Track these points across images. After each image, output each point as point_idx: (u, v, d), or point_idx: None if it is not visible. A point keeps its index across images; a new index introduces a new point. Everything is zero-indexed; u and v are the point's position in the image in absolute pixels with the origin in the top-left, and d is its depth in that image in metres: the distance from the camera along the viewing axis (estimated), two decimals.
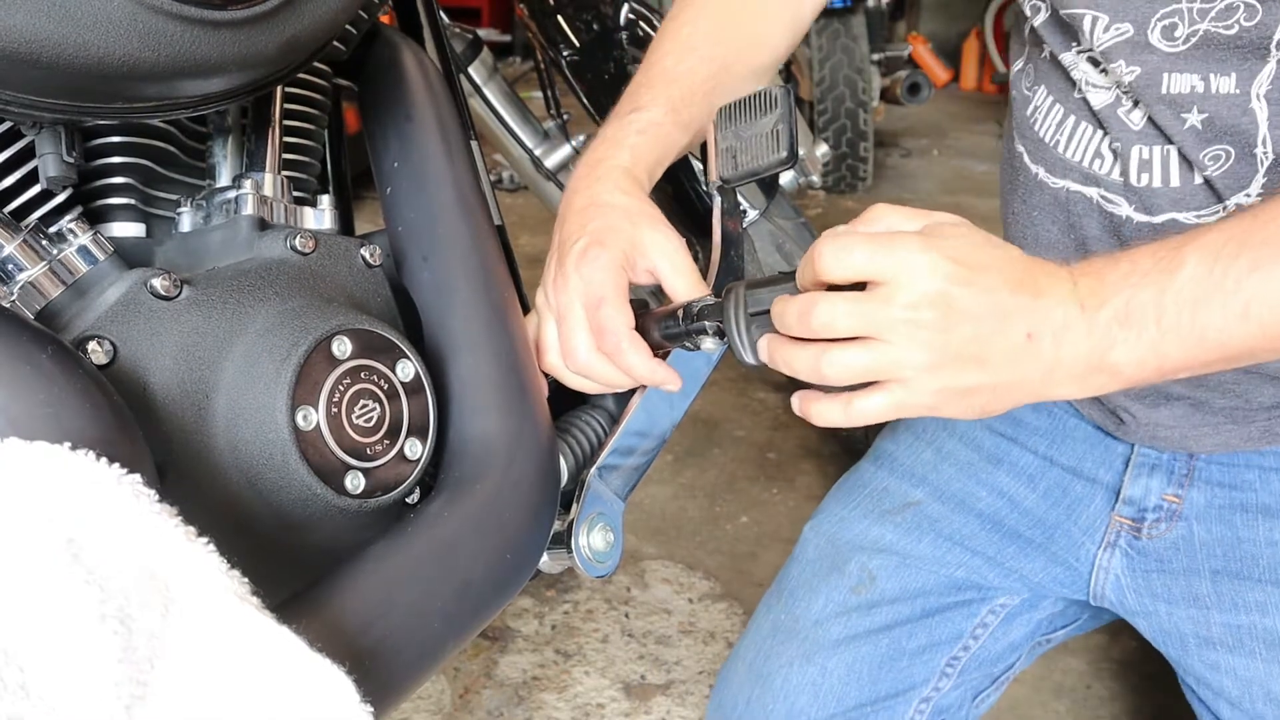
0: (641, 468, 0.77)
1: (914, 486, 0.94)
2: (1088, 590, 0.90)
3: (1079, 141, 0.79)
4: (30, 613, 0.37)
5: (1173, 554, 0.84)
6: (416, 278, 0.71)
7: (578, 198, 0.73)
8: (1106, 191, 0.77)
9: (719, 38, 0.80)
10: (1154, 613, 0.85)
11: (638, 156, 0.75)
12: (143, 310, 0.55)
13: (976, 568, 0.91)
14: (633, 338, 0.67)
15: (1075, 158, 0.79)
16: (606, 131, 0.77)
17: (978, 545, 0.91)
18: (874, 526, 0.93)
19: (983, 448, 0.94)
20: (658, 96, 0.77)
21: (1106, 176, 0.77)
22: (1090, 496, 0.89)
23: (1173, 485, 0.84)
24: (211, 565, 0.42)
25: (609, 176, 0.73)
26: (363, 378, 0.60)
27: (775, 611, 0.93)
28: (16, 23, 0.46)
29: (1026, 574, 0.91)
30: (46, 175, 0.58)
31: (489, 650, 1.43)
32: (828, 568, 0.92)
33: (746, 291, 0.62)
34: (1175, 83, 0.71)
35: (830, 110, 3.24)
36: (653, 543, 1.67)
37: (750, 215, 1.29)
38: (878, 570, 0.91)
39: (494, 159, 2.31)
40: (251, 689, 0.40)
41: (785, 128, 0.67)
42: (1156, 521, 0.85)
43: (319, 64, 0.77)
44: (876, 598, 0.90)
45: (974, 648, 0.92)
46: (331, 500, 0.57)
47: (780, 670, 0.89)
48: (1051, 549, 0.90)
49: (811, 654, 0.88)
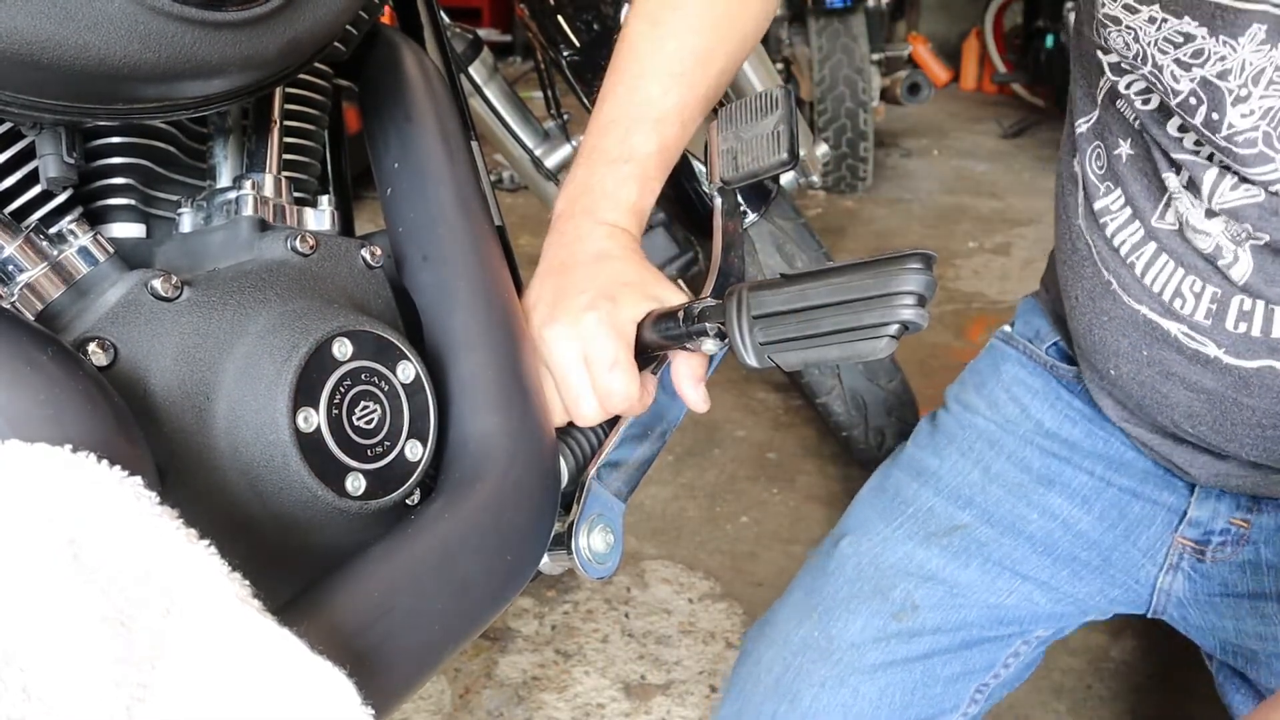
0: (642, 469, 0.77)
1: (961, 509, 0.91)
2: (1148, 608, 0.87)
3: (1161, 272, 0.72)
4: (31, 614, 0.37)
5: (1238, 577, 0.82)
6: (417, 278, 0.71)
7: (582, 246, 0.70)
8: (1190, 330, 0.71)
9: (708, 61, 0.74)
10: (1221, 628, 0.83)
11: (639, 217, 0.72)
12: (143, 311, 0.55)
13: (1027, 593, 0.88)
14: (640, 394, 0.66)
15: (1155, 287, 0.73)
16: (597, 176, 0.72)
17: (1028, 570, 0.88)
18: (919, 549, 0.89)
19: (1032, 468, 0.90)
20: (650, 142, 0.72)
21: (1190, 317, 0.71)
22: (1151, 518, 0.86)
23: (1241, 510, 0.82)
24: (212, 567, 0.42)
25: (616, 238, 0.70)
26: (363, 379, 0.60)
27: (807, 627, 0.89)
28: (17, 23, 0.46)
29: (1081, 598, 0.88)
30: (47, 176, 0.58)
31: (489, 650, 1.43)
32: (870, 590, 0.89)
33: (749, 294, 0.62)
34: None
35: (830, 110, 3.24)
36: (653, 543, 1.67)
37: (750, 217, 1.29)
38: (922, 600, 0.87)
39: (494, 159, 2.31)
40: (252, 691, 0.40)
41: (786, 129, 0.67)
42: (1222, 545, 0.82)
43: (319, 64, 0.77)
44: (918, 627, 0.87)
45: (1004, 675, 0.90)
46: (332, 502, 0.57)
47: (810, 690, 0.86)
48: (1109, 572, 0.87)
49: (845, 676, 0.85)
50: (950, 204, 3.44)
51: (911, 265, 0.55)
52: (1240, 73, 0.62)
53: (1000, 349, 0.99)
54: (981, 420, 0.95)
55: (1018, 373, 0.95)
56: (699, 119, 0.76)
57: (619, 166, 0.72)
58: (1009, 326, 1.00)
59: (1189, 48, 0.64)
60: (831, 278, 0.58)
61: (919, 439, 1.00)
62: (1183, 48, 0.65)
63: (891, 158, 4.01)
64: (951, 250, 2.94)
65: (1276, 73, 0.61)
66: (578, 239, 0.70)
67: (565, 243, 0.71)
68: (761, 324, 0.61)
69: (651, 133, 0.72)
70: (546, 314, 0.69)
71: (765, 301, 0.61)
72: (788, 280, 0.61)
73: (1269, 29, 0.61)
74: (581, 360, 0.66)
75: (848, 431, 1.65)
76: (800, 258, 1.43)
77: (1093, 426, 0.90)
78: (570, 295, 0.67)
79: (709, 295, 0.69)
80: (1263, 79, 0.62)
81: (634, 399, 0.66)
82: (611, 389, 0.65)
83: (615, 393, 0.65)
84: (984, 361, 1.00)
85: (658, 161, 0.73)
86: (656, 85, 0.73)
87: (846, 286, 0.57)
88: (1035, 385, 0.94)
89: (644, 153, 0.72)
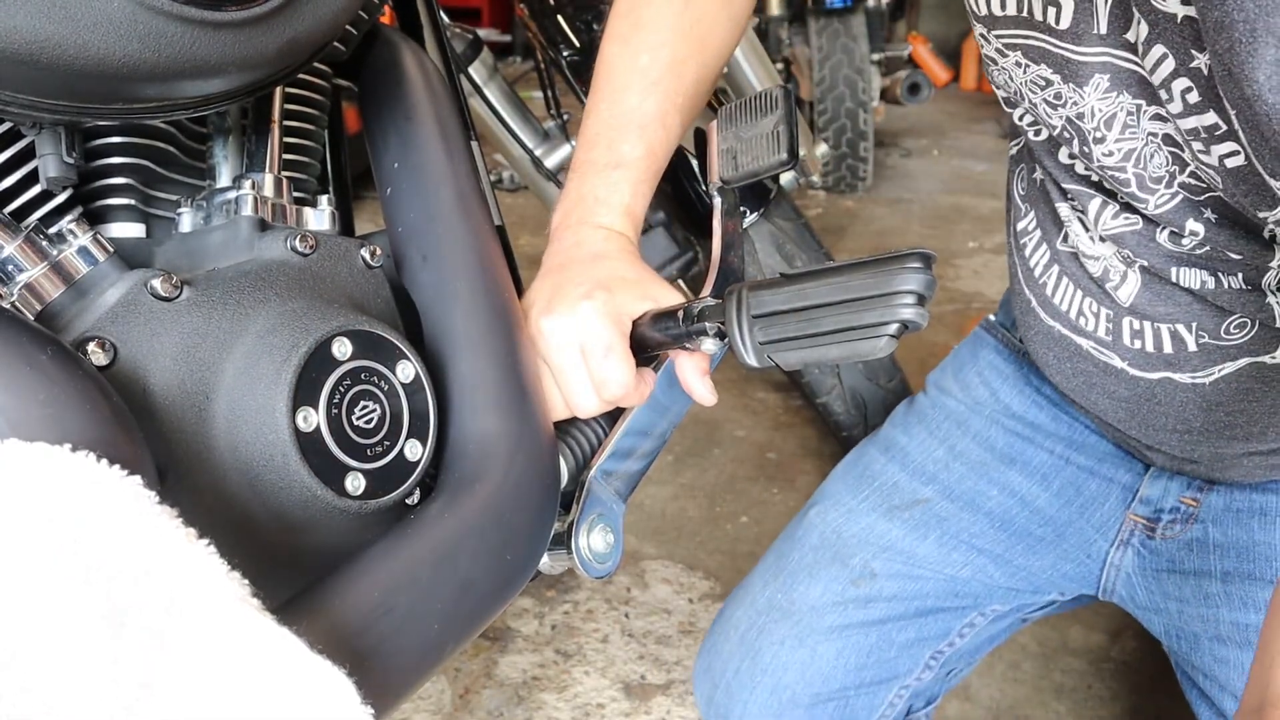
0: (642, 468, 0.77)
1: (924, 484, 0.95)
2: (1097, 586, 0.90)
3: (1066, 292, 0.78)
4: (30, 613, 0.37)
5: (1185, 554, 0.84)
6: (416, 278, 0.71)
7: (580, 250, 0.71)
8: (1097, 345, 0.76)
9: (680, 69, 0.77)
10: (1164, 610, 0.86)
11: (633, 219, 0.74)
12: (143, 311, 0.55)
13: (982, 566, 0.91)
14: (636, 382, 0.67)
15: (1062, 306, 0.78)
16: (589, 186, 0.74)
17: (984, 544, 0.91)
18: (881, 521, 0.93)
19: (996, 447, 0.94)
20: (637, 148, 0.74)
21: (1094, 333, 0.76)
22: (1106, 494, 0.89)
23: (1192, 490, 0.84)
24: (212, 566, 0.42)
25: (613, 240, 0.72)
26: (363, 379, 0.60)
27: (771, 589, 0.94)
28: (17, 23, 0.46)
29: (1034, 571, 0.91)
30: (46, 176, 0.58)
31: (489, 650, 1.43)
32: (830, 557, 0.93)
33: (749, 293, 0.62)
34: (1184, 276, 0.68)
35: (830, 110, 3.24)
36: (653, 543, 1.67)
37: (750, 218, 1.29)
38: (880, 568, 0.92)
39: (494, 159, 2.31)
40: (252, 690, 0.40)
41: (786, 129, 0.67)
42: (1172, 523, 0.85)
43: (319, 64, 0.77)
44: (874, 593, 0.91)
45: (959, 644, 0.94)
46: (332, 501, 0.57)
47: (771, 647, 0.91)
48: (1062, 546, 0.90)
49: (804, 636, 0.90)
50: (950, 204, 3.44)
51: (911, 264, 0.55)
52: (1093, 116, 0.66)
53: (981, 336, 1.03)
54: (953, 402, 0.99)
55: (993, 359, 0.99)
56: (681, 126, 0.78)
57: (609, 173, 0.74)
58: (992, 316, 1.04)
59: (1050, 90, 0.68)
60: (831, 277, 0.58)
61: (894, 419, 1.04)
62: (1046, 90, 0.68)
63: (891, 158, 4.02)
64: (951, 250, 2.94)
65: (1129, 117, 0.64)
66: (575, 244, 0.72)
67: (563, 248, 0.73)
68: (761, 323, 0.61)
69: (637, 139, 0.74)
70: (544, 307, 0.70)
71: (765, 301, 0.61)
72: (787, 280, 0.61)
73: (1111, 78, 0.63)
74: (578, 349, 0.67)
75: (848, 431, 1.65)
76: (800, 257, 1.43)
77: (1058, 411, 0.93)
78: (567, 288, 0.69)
79: (709, 295, 0.69)
80: (1115, 124, 0.65)
81: (629, 387, 0.66)
82: (607, 376, 0.66)
83: (610, 380, 0.66)
84: (965, 348, 1.04)
85: (646, 165, 0.75)
86: (635, 95, 0.76)
87: (846, 286, 0.57)
88: (1007, 371, 0.98)
89: (632, 157, 0.74)
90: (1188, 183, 0.64)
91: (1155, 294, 0.71)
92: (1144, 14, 0.58)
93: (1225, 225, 0.64)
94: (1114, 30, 0.62)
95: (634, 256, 0.72)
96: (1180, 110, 0.59)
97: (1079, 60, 0.64)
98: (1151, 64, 0.59)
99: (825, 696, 0.89)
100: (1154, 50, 0.58)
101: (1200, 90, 0.57)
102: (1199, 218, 0.65)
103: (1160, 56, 0.58)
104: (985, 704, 1.34)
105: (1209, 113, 0.57)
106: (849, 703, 0.90)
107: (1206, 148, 0.58)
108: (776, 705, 0.90)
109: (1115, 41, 0.62)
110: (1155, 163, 0.65)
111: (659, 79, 0.76)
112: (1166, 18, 0.56)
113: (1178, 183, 0.65)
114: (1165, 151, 0.64)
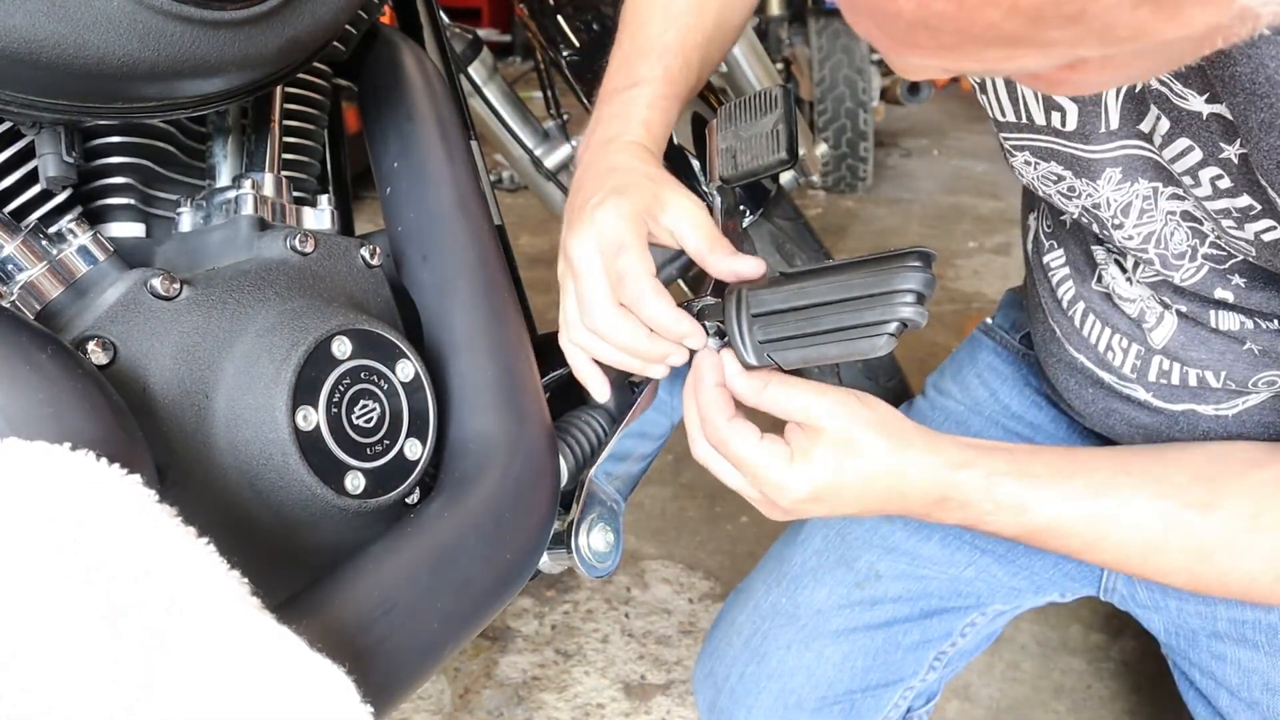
0: (642, 468, 0.77)
1: None
2: (1098, 585, 0.90)
3: (1094, 328, 0.76)
4: (30, 613, 0.37)
5: None
6: (416, 278, 0.71)
7: (594, 168, 0.70)
8: (1121, 381, 0.75)
9: (703, 5, 0.78)
10: (1164, 607, 0.86)
11: (651, 133, 0.72)
12: (142, 310, 0.55)
13: (985, 566, 0.91)
14: (655, 285, 0.63)
15: (1090, 339, 0.77)
16: (609, 109, 0.74)
17: (987, 544, 0.91)
18: (883, 523, 0.93)
19: None
20: (655, 69, 0.74)
21: (1119, 369, 0.75)
22: None
23: None
24: (212, 565, 0.42)
25: (627, 150, 0.70)
26: (362, 378, 0.60)
27: (776, 594, 0.94)
28: (16, 23, 0.46)
29: (1036, 570, 0.91)
30: (46, 175, 0.58)
31: (489, 650, 1.43)
32: (835, 560, 0.93)
33: (748, 292, 0.62)
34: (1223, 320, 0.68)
35: (830, 110, 3.24)
36: (653, 543, 1.67)
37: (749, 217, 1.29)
38: (885, 569, 0.91)
39: (494, 159, 2.31)
40: (251, 689, 0.40)
41: (785, 128, 0.67)
42: None
43: (319, 64, 0.77)
44: (880, 595, 0.91)
45: (961, 644, 0.94)
46: (331, 500, 0.57)
47: (777, 651, 0.90)
48: None
49: (810, 640, 0.90)
50: (950, 204, 3.44)
51: (911, 263, 0.55)
52: (1109, 206, 0.66)
53: (979, 339, 1.03)
54: (952, 403, 1.00)
55: (992, 360, 1.00)
56: (701, 64, 0.78)
57: (625, 92, 0.74)
58: (990, 319, 1.05)
59: (1064, 184, 0.68)
60: (831, 276, 0.58)
61: None
62: (1059, 184, 0.69)
63: (891, 158, 4.02)
64: (951, 250, 2.94)
65: (1145, 203, 0.64)
66: (591, 163, 0.71)
67: (581, 173, 0.72)
68: (761, 322, 0.61)
69: (656, 61, 0.74)
70: (565, 231, 0.68)
71: (764, 300, 0.61)
72: (787, 278, 0.61)
73: (1124, 170, 0.63)
74: (598, 253, 0.64)
75: None
76: (800, 257, 1.43)
77: (1057, 411, 0.93)
78: (582, 204, 0.67)
79: (709, 294, 0.69)
80: (1132, 211, 0.65)
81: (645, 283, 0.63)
82: (623, 271, 0.63)
83: (626, 275, 0.63)
84: (963, 351, 1.05)
85: (665, 83, 0.74)
86: (656, 25, 0.76)
87: (846, 284, 0.57)
88: (1006, 372, 0.98)
89: (650, 76, 0.74)
90: (1211, 254, 0.64)
91: (1190, 338, 0.70)
92: (1164, 110, 0.57)
93: (1256, 288, 0.64)
94: (1126, 124, 0.61)
95: (649, 160, 0.70)
96: (1209, 194, 0.58)
97: (1089, 158, 0.64)
98: (1173, 154, 0.58)
99: (831, 700, 0.89)
100: (1177, 143, 0.57)
101: (1232, 177, 0.56)
102: (1227, 285, 0.65)
103: (1185, 149, 0.57)
104: (985, 704, 1.34)
105: (1242, 196, 0.56)
106: (855, 705, 0.90)
107: (1240, 225, 0.58)
108: (782, 709, 0.89)
109: (1128, 133, 0.61)
110: (1176, 239, 0.64)
111: (680, 14, 0.76)
112: (1190, 115, 0.56)
113: (1200, 255, 0.64)
114: (1185, 228, 0.63)
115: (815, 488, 0.65)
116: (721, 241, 0.65)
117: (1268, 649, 0.79)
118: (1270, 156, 0.51)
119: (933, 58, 0.34)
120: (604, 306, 0.64)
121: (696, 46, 0.77)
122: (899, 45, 0.34)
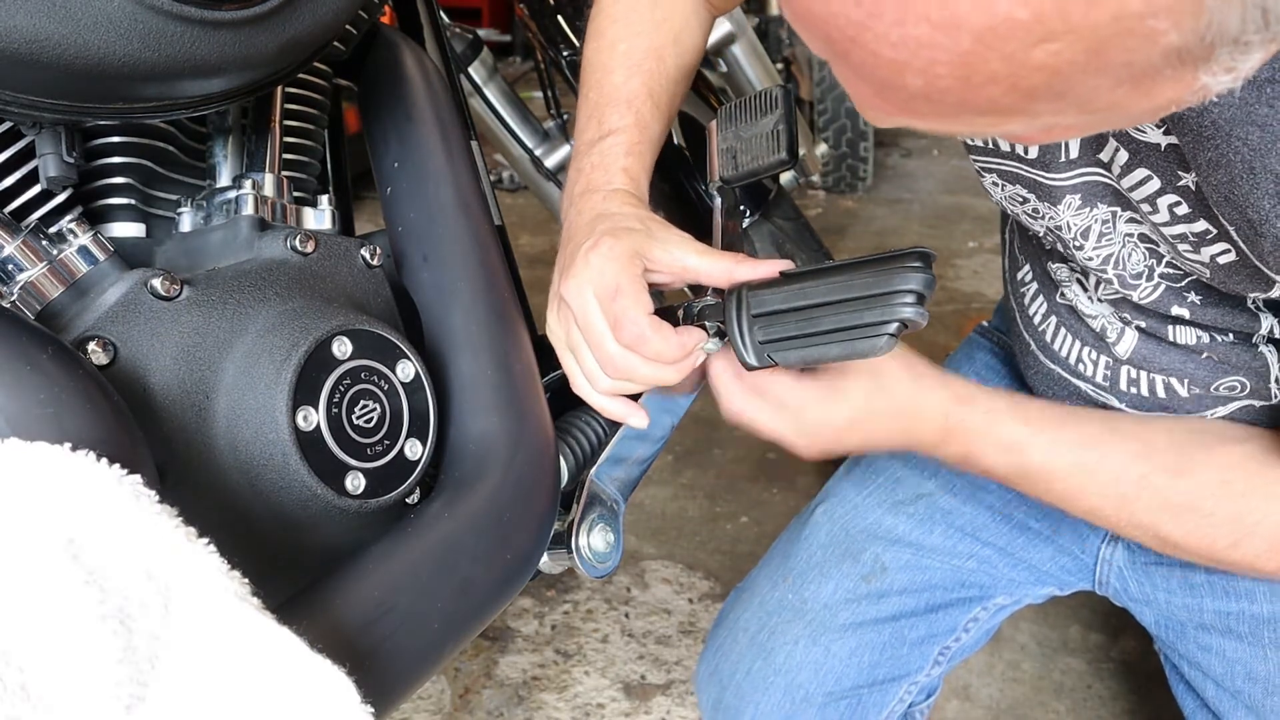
0: (642, 468, 0.77)
1: (926, 478, 0.95)
2: (1093, 579, 0.92)
3: (1064, 341, 0.80)
4: (30, 613, 0.37)
5: None
6: (416, 278, 0.71)
7: (582, 217, 0.70)
8: (1096, 389, 0.78)
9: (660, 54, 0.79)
10: (1154, 600, 0.87)
11: (633, 179, 0.73)
12: (143, 310, 0.55)
13: (987, 558, 0.92)
14: (653, 323, 0.63)
15: (1062, 353, 0.81)
16: (587, 160, 0.74)
17: (988, 536, 0.92)
18: (887, 516, 0.94)
19: None
20: (625, 117, 0.75)
21: (1092, 378, 0.78)
22: None
23: None
24: (212, 566, 0.42)
25: (613, 197, 0.71)
26: (363, 378, 0.60)
27: (782, 589, 0.94)
28: (17, 23, 0.46)
29: (1035, 563, 0.92)
30: (46, 175, 0.58)
31: (489, 650, 1.43)
32: (840, 554, 0.93)
33: (748, 292, 0.62)
34: (1180, 334, 0.72)
35: (830, 110, 3.24)
36: (653, 543, 1.67)
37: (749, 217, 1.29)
38: (890, 561, 0.92)
39: (494, 159, 2.31)
40: (251, 689, 0.40)
41: (785, 128, 0.67)
42: None
43: (319, 64, 0.77)
44: (886, 587, 0.91)
45: (964, 639, 0.95)
46: (332, 501, 0.57)
47: (785, 647, 0.91)
48: (1058, 540, 0.92)
49: (817, 635, 0.90)
50: (950, 204, 3.43)
51: (911, 263, 0.55)
52: (1070, 229, 0.70)
53: (976, 340, 1.05)
54: None
55: (988, 359, 1.01)
56: (668, 107, 0.79)
57: (600, 143, 0.75)
58: (986, 322, 1.06)
59: (1028, 206, 0.72)
60: (831, 276, 0.58)
61: None
62: (1024, 205, 0.72)
63: (891, 158, 4.01)
64: (951, 250, 2.94)
65: (1104, 226, 0.68)
66: (577, 215, 0.71)
67: (568, 225, 0.72)
68: (761, 322, 0.61)
69: (625, 109, 0.76)
70: (559, 280, 0.68)
71: (765, 300, 0.61)
72: (787, 279, 0.61)
73: (1083, 196, 0.67)
74: (594, 298, 0.65)
75: None
76: (800, 257, 1.43)
77: None
78: (575, 252, 0.67)
79: (709, 294, 0.69)
80: (1091, 234, 0.69)
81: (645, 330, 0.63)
82: (621, 318, 0.63)
83: (624, 319, 0.63)
84: (960, 353, 1.06)
85: (638, 130, 0.75)
86: (619, 75, 0.78)
87: (846, 285, 0.57)
88: (1003, 371, 0.99)
89: (622, 125, 0.75)
90: (1167, 273, 0.68)
91: (1152, 350, 0.74)
92: (1123, 143, 0.61)
93: (1210, 305, 0.69)
94: (1085, 154, 0.65)
95: (636, 204, 0.71)
96: (1167, 220, 0.62)
97: (1049, 184, 0.68)
98: (1132, 184, 0.62)
99: (838, 695, 0.90)
100: (1136, 172, 0.61)
101: (1190, 203, 0.60)
102: (1183, 303, 0.69)
103: (1144, 178, 0.61)
104: (985, 704, 1.34)
105: (1199, 221, 0.60)
106: (861, 701, 0.91)
107: (1196, 249, 0.62)
108: (789, 705, 0.90)
109: (1086, 161, 0.65)
110: (1134, 260, 0.69)
111: (640, 62, 0.78)
112: (1149, 146, 0.59)
113: (1157, 274, 0.69)
114: (1142, 249, 0.68)
115: (850, 416, 0.68)
116: (736, 255, 0.66)
117: (1250, 640, 0.80)
118: (1218, 190, 0.55)
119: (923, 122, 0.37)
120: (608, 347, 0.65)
121: (663, 90, 0.78)
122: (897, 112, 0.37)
